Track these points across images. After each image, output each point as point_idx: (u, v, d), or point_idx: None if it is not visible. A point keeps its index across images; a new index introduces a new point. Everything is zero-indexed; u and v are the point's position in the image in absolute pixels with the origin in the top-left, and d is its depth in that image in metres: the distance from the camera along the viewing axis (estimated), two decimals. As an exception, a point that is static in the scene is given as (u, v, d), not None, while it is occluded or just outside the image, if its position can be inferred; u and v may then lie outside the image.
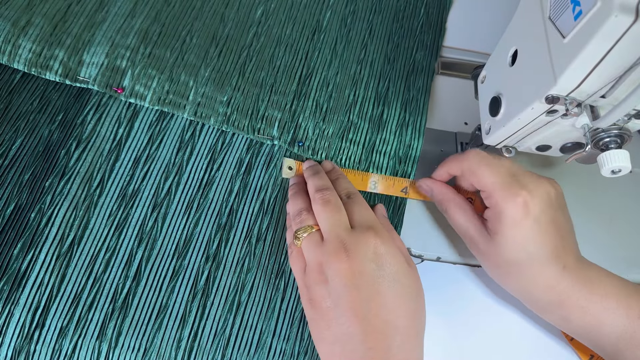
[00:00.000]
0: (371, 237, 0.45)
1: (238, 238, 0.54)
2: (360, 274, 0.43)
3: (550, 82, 0.41)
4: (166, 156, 0.56)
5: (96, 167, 0.54)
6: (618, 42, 0.35)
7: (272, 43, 0.63)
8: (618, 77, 0.38)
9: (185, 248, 0.52)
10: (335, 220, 0.47)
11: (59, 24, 0.57)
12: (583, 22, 0.37)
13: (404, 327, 0.44)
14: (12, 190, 0.51)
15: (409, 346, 0.44)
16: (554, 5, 0.42)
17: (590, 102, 0.42)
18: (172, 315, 0.49)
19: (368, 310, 0.43)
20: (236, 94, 0.58)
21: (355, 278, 0.43)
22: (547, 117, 0.45)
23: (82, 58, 0.55)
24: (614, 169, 0.43)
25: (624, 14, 0.34)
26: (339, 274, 0.44)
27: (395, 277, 0.45)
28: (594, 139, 0.44)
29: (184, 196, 0.54)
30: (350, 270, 0.43)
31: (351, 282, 0.43)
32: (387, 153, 0.60)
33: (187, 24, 0.61)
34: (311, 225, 0.48)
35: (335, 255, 0.44)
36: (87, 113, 0.56)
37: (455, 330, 0.54)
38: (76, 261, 0.50)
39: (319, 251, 0.46)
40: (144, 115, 0.57)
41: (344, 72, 0.64)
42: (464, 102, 0.67)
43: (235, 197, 0.55)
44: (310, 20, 0.66)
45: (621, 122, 0.43)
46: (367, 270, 0.44)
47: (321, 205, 0.48)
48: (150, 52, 0.57)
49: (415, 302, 0.46)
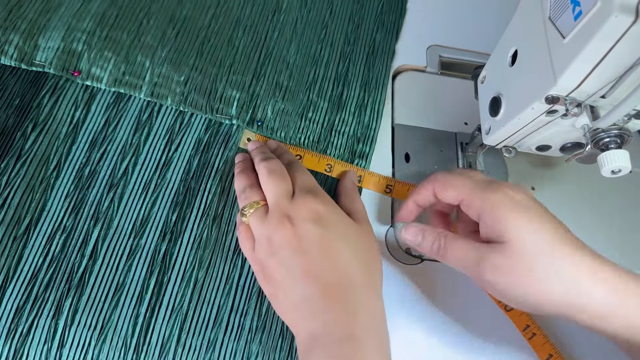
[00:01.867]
0: (311, 201, 0.47)
1: (195, 215, 0.54)
2: (306, 238, 0.45)
3: (550, 82, 0.41)
4: (123, 137, 0.56)
5: (53, 149, 0.54)
6: (618, 42, 0.35)
7: (231, 24, 0.63)
8: (618, 77, 0.38)
9: (142, 227, 0.52)
10: (280, 190, 0.48)
11: (14, 9, 0.57)
12: (583, 22, 0.37)
13: (359, 281, 0.45)
14: None
15: (365, 299, 0.44)
16: (554, 5, 0.41)
17: (590, 102, 0.41)
18: (130, 293, 0.50)
19: (320, 270, 0.44)
20: (194, 74, 0.58)
21: (302, 242, 0.45)
22: (547, 117, 0.45)
23: (37, 42, 0.56)
24: (614, 169, 0.43)
25: (624, 14, 0.34)
26: (286, 242, 0.45)
27: (341, 234, 0.46)
28: (594, 139, 0.44)
29: (140, 176, 0.54)
30: (295, 236, 0.45)
31: (298, 247, 0.45)
32: (345, 133, 0.60)
33: (145, 7, 0.61)
34: (257, 201, 0.49)
35: (280, 225, 0.45)
36: (44, 96, 0.56)
37: (455, 329, 0.54)
38: (33, 242, 0.50)
39: (265, 224, 0.47)
40: (100, 97, 0.57)
41: (304, 52, 0.64)
42: (464, 102, 0.66)
43: (192, 176, 0.55)
44: (270, 1, 0.67)
45: (621, 122, 0.42)
46: (312, 233, 0.45)
47: (267, 175, 0.49)
48: (106, 34, 0.58)
49: (366, 257, 0.47)
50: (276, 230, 0.45)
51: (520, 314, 0.54)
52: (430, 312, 0.54)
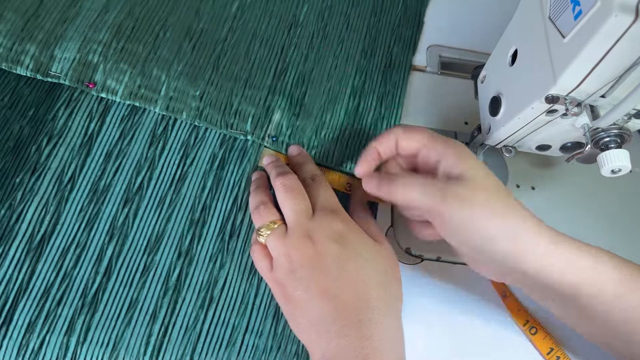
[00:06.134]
0: (332, 219, 0.47)
1: (211, 234, 0.53)
2: (326, 256, 0.45)
3: (550, 82, 0.40)
4: (138, 151, 0.55)
5: (67, 162, 0.53)
6: (618, 42, 0.35)
7: (248, 37, 0.63)
8: (618, 77, 0.38)
9: (157, 244, 0.52)
10: (299, 208, 0.48)
11: (31, 19, 0.56)
12: (583, 22, 0.37)
13: (376, 302, 0.44)
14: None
15: (381, 319, 0.44)
16: (554, 5, 0.41)
17: (590, 101, 0.41)
18: (143, 311, 0.49)
19: (336, 288, 0.44)
20: (209, 88, 0.58)
21: (321, 260, 0.45)
22: (547, 116, 0.45)
23: (53, 53, 0.55)
24: (614, 168, 0.43)
25: (623, 13, 0.34)
26: (306, 260, 0.45)
27: (360, 253, 0.46)
28: (593, 138, 0.44)
29: (155, 192, 0.54)
30: (315, 254, 0.45)
31: (317, 265, 0.44)
32: (362, 147, 0.58)
33: (161, 19, 0.61)
34: (273, 221, 0.49)
35: (301, 244, 0.45)
36: (59, 108, 0.55)
37: (456, 329, 0.54)
38: (46, 257, 0.49)
39: (286, 243, 0.46)
40: (115, 109, 0.57)
41: (320, 67, 0.63)
42: (464, 102, 0.66)
43: (208, 193, 0.55)
44: (286, 15, 0.66)
45: (621, 121, 0.42)
46: (331, 251, 0.45)
47: (283, 192, 0.49)
48: (122, 46, 0.57)
49: (385, 276, 0.47)
50: (297, 249, 0.45)
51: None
52: (430, 312, 0.54)
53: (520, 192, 0.61)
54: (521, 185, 0.61)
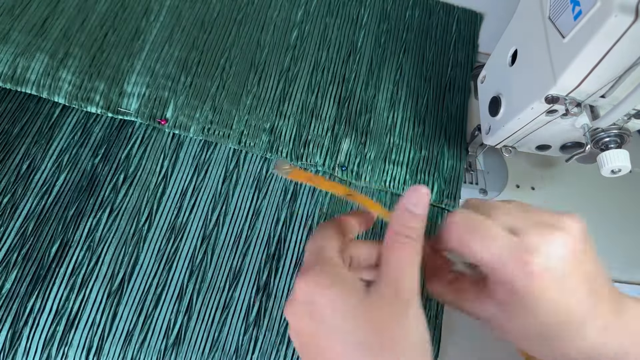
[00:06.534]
0: (299, 286, 0.36)
1: (287, 267, 0.52)
2: (299, 335, 0.37)
3: (550, 82, 0.40)
4: (212, 186, 0.55)
5: (143, 201, 0.53)
6: (618, 42, 0.35)
7: (309, 67, 0.62)
8: (618, 77, 0.38)
9: (236, 279, 0.51)
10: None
11: (97, 55, 0.56)
12: (583, 22, 0.37)
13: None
14: (57, 227, 0.50)
15: None
16: (554, 5, 0.41)
17: (590, 102, 0.41)
18: (225, 350, 0.48)
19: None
20: (278, 121, 0.57)
21: (298, 339, 0.37)
22: (547, 117, 0.45)
23: (122, 89, 0.55)
24: (614, 168, 0.43)
25: (623, 13, 0.34)
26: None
27: (336, 324, 0.35)
28: (593, 138, 0.44)
29: (232, 227, 0.53)
30: (292, 332, 0.38)
31: (296, 343, 0.38)
32: (431, 173, 0.59)
33: (225, 51, 0.60)
34: None
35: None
36: (132, 146, 0.55)
37: (457, 330, 0.54)
38: (127, 299, 0.49)
39: None
40: (188, 146, 0.56)
41: (381, 94, 0.63)
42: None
43: (282, 226, 0.54)
44: (345, 42, 0.65)
45: (621, 122, 0.42)
46: (304, 328, 0.36)
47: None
48: (191, 81, 0.57)
49: (373, 341, 0.34)
50: None
51: None
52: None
53: (520, 192, 0.62)
54: (521, 185, 0.62)
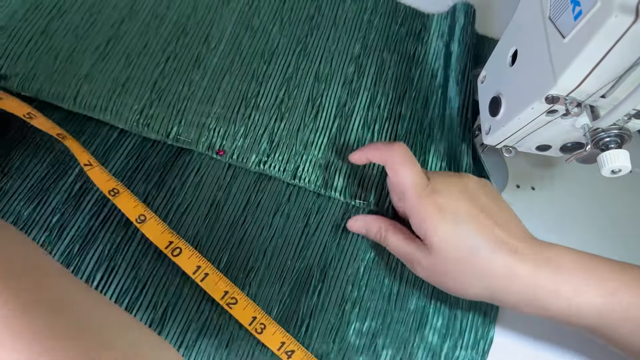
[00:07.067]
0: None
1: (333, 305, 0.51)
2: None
3: (550, 82, 0.41)
4: (262, 221, 0.54)
5: (194, 231, 0.52)
6: (618, 42, 0.35)
7: (366, 101, 0.61)
8: (618, 77, 0.38)
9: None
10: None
11: (159, 81, 0.56)
12: (583, 22, 0.37)
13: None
14: (104, 251, 0.49)
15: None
16: (554, 5, 0.41)
17: (590, 102, 0.41)
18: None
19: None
20: (333, 157, 0.57)
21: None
22: (547, 117, 0.45)
23: (182, 117, 0.55)
24: (614, 169, 0.43)
25: (624, 14, 0.34)
26: None
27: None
28: (594, 139, 0.44)
29: (278, 261, 0.52)
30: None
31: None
32: None
33: (284, 83, 0.60)
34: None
35: None
36: (188, 175, 0.54)
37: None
38: (168, 329, 0.48)
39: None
40: (242, 177, 0.55)
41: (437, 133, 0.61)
42: None
43: (330, 263, 0.53)
44: (401, 78, 0.64)
45: (621, 122, 0.43)
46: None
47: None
48: (250, 112, 0.57)
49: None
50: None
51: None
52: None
53: (520, 192, 0.61)
54: (521, 185, 0.61)
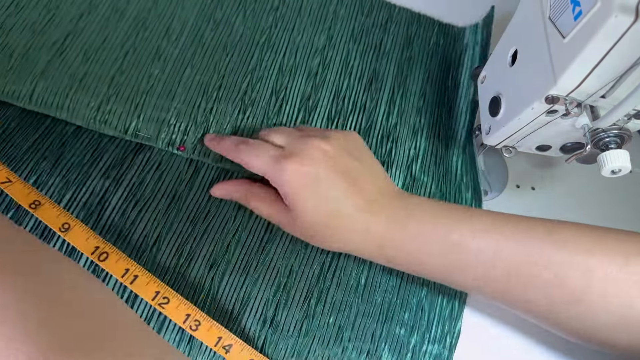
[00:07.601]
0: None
1: (298, 299, 0.51)
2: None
3: (550, 82, 0.41)
4: (225, 215, 0.53)
5: (153, 225, 0.52)
6: (618, 42, 0.35)
7: (330, 95, 0.61)
8: (618, 77, 0.38)
9: (243, 308, 0.50)
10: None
11: (116, 76, 0.55)
12: (583, 22, 0.37)
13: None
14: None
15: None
16: (554, 5, 0.42)
17: (590, 102, 0.42)
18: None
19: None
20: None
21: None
22: (547, 117, 0.45)
23: (141, 112, 0.54)
24: (614, 169, 0.43)
25: (624, 14, 0.34)
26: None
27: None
28: (594, 139, 0.44)
29: (242, 256, 0.52)
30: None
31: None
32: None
33: (247, 75, 0.59)
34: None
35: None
36: (148, 172, 0.54)
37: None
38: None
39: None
40: (204, 172, 0.55)
41: (403, 123, 0.61)
42: None
43: (296, 258, 0.53)
44: (366, 69, 0.64)
45: (621, 122, 0.43)
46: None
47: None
48: (212, 107, 0.56)
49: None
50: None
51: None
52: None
53: (520, 192, 0.61)
54: (521, 185, 0.61)
